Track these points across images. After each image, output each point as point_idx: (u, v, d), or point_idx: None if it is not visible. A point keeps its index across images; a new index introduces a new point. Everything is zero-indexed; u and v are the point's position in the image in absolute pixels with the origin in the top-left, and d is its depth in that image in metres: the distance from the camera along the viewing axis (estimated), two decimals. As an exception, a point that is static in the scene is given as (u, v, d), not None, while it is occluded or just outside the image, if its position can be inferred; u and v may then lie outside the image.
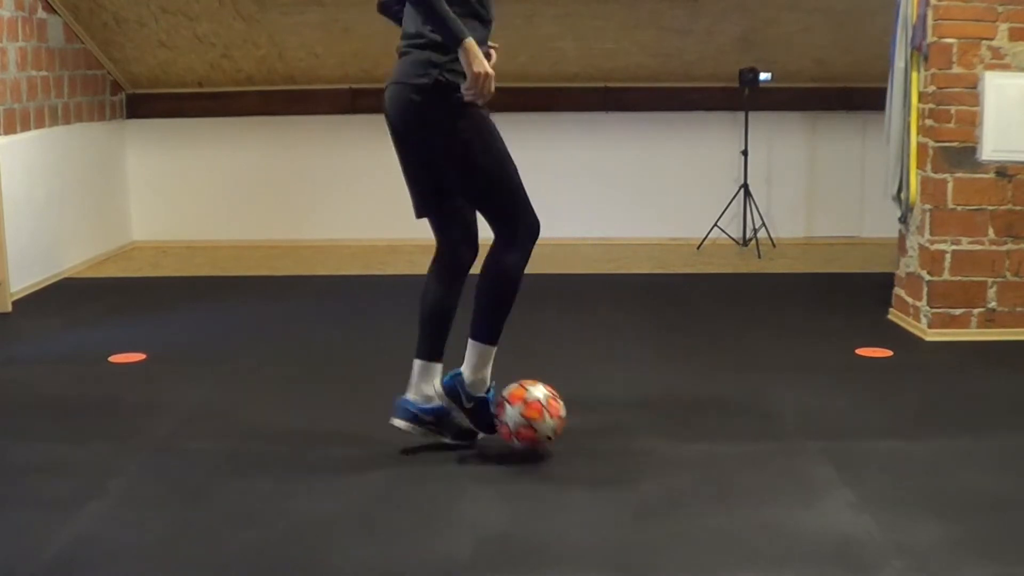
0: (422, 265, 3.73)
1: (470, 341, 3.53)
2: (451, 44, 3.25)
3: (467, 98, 3.29)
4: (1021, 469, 3.43)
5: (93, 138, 7.02)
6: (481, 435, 3.60)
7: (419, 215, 3.62)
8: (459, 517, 3.11)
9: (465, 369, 3.54)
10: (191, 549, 2.93)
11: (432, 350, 3.58)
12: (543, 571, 2.80)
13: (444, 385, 3.54)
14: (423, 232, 3.52)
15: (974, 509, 3.12)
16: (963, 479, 3.35)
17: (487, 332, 3.51)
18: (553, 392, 3.53)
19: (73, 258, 6.69)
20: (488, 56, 3.39)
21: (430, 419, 3.54)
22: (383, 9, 3.66)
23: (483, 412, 3.53)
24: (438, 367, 3.58)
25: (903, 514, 3.08)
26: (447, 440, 3.58)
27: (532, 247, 3.49)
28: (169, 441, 3.75)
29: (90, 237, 6.96)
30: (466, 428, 3.59)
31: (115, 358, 4.76)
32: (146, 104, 7.50)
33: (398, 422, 3.53)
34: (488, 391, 3.55)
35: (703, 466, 3.48)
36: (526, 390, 3.48)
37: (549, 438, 3.48)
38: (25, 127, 6.14)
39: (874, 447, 3.63)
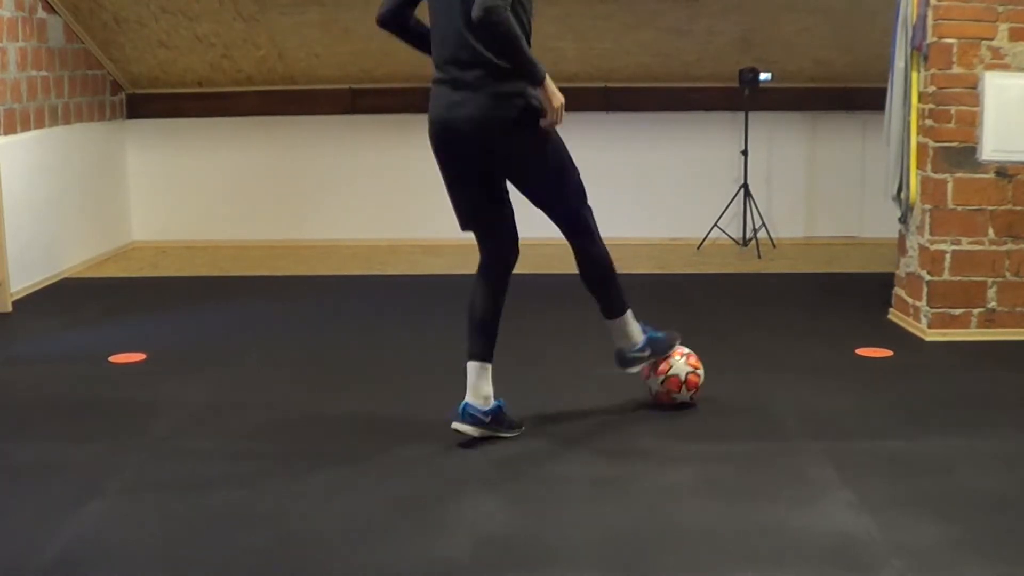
0: (422, 265, 3.75)
1: (607, 323, 3.89)
2: (533, 83, 3.49)
3: (544, 126, 3.55)
4: (1021, 469, 3.43)
5: (93, 138, 7.02)
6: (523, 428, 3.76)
7: (466, 228, 3.81)
8: (459, 517, 3.11)
9: (620, 343, 3.92)
10: (191, 549, 2.93)
11: (487, 352, 3.70)
12: (543, 571, 2.80)
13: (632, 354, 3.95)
14: (423, 232, 3.54)
15: (974, 509, 3.12)
16: (963, 479, 3.35)
17: (613, 307, 3.88)
18: (695, 365, 4.02)
19: (73, 258, 6.69)
20: None
21: (489, 420, 3.67)
22: (385, 22, 3.69)
23: (657, 344, 3.97)
24: (490, 367, 3.70)
25: (903, 514, 3.09)
26: (505, 435, 3.69)
27: (599, 236, 3.91)
28: (169, 441, 3.75)
29: (90, 237, 6.96)
30: (516, 422, 3.76)
31: (115, 358, 4.76)
32: (146, 104, 7.50)
33: (462, 426, 3.64)
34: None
35: (703, 466, 3.48)
36: (671, 363, 3.99)
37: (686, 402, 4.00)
38: (25, 127, 6.14)
39: (874, 447, 3.63)
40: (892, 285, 5.37)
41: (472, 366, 3.66)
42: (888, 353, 4.76)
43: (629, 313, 3.91)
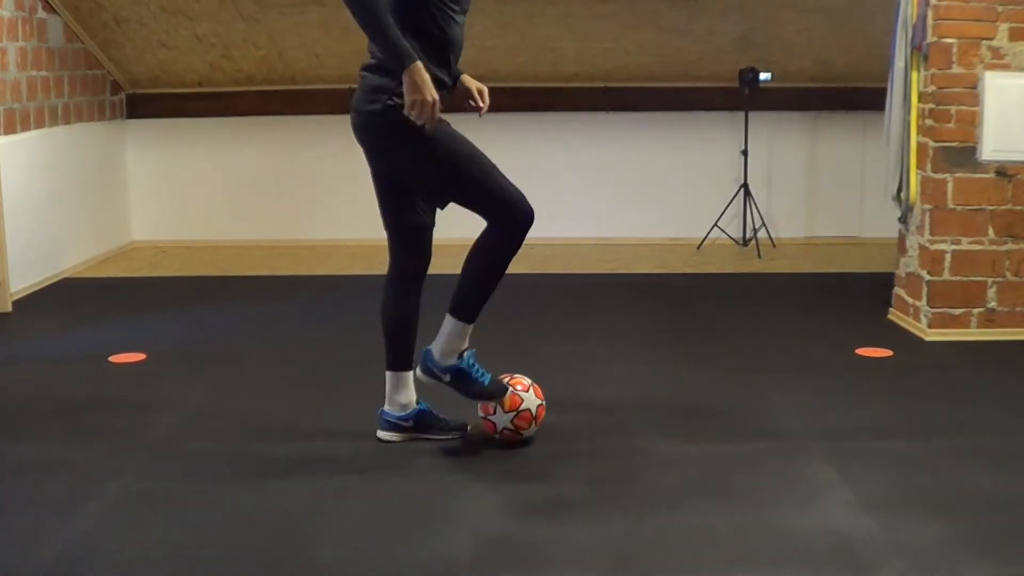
0: (422, 265, 3.73)
1: (447, 316, 3.51)
2: (395, 69, 3.23)
3: (414, 120, 3.25)
4: (1021, 469, 3.43)
5: (93, 138, 7.02)
6: (469, 427, 3.66)
7: (386, 225, 3.71)
8: (459, 517, 3.11)
9: (436, 344, 3.53)
10: (191, 549, 2.93)
11: (403, 360, 3.65)
12: (543, 571, 2.80)
13: (422, 367, 3.57)
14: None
15: (974, 509, 3.12)
16: (963, 479, 3.35)
17: (466, 310, 3.48)
18: (539, 394, 3.65)
19: (73, 258, 6.69)
20: (442, 83, 3.35)
21: (409, 424, 3.64)
22: None
23: (464, 379, 3.51)
24: (410, 375, 3.64)
25: (903, 514, 3.09)
26: (437, 438, 3.64)
27: (521, 234, 3.43)
28: (169, 441, 3.75)
29: (90, 237, 6.96)
30: (452, 424, 3.67)
31: (115, 358, 4.76)
32: (146, 104, 7.50)
33: (381, 434, 3.66)
34: (462, 356, 3.52)
35: (703, 466, 3.48)
36: (521, 399, 3.59)
37: (530, 438, 3.65)
38: (25, 127, 6.14)
39: (874, 447, 3.63)
40: (892, 285, 5.37)
41: (388, 376, 3.66)
42: (888, 353, 4.76)
43: (470, 329, 3.50)
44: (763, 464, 3.49)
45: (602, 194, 7.52)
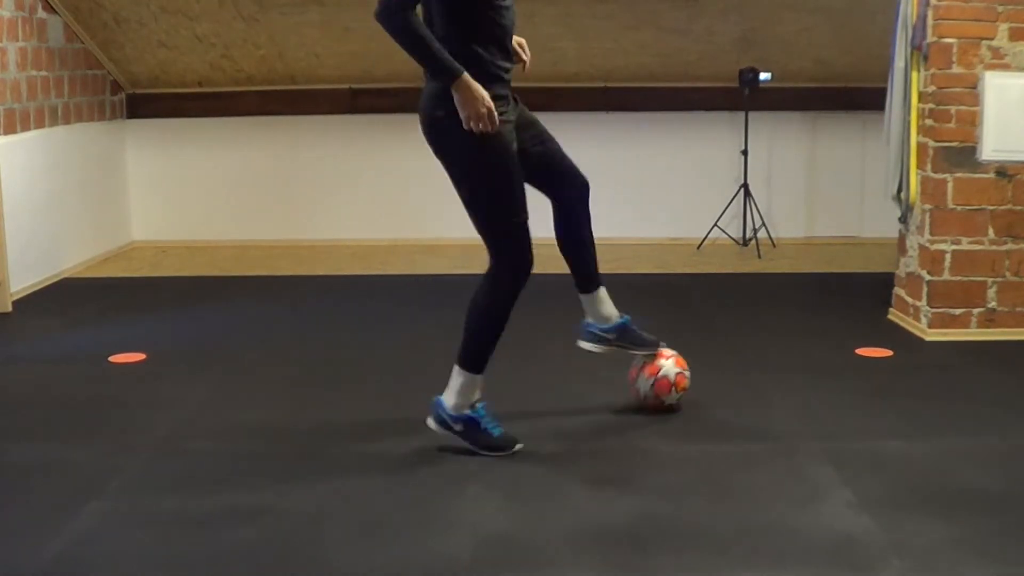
0: (422, 265, 3.75)
1: (455, 366, 3.55)
2: (444, 83, 3.28)
3: (468, 128, 3.30)
4: (1021, 469, 3.43)
5: (93, 138, 7.02)
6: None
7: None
8: (459, 517, 3.11)
9: (447, 394, 3.57)
10: (191, 549, 2.93)
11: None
12: (543, 571, 2.80)
13: (434, 419, 3.59)
14: (423, 232, 3.54)
15: (974, 509, 3.12)
16: (963, 479, 3.35)
17: (463, 357, 3.53)
18: (682, 367, 3.92)
19: (73, 258, 6.69)
20: (502, 77, 3.39)
21: (612, 336, 3.83)
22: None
23: (474, 431, 3.55)
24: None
25: (903, 514, 3.09)
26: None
27: (513, 287, 3.47)
28: (169, 441, 3.75)
29: (90, 237, 6.96)
30: (650, 340, 3.89)
31: (115, 358, 4.76)
32: (146, 104, 7.50)
33: (585, 344, 3.84)
34: (474, 407, 3.56)
35: (703, 466, 3.48)
36: (659, 366, 3.88)
37: (675, 403, 3.92)
38: (25, 127, 6.14)
39: (874, 447, 3.63)
40: (892, 285, 5.37)
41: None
42: (888, 353, 4.76)
43: (468, 376, 3.52)
44: (763, 464, 3.49)
45: (602, 194, 7.40)
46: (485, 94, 3.28)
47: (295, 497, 3.26)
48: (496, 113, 3.30)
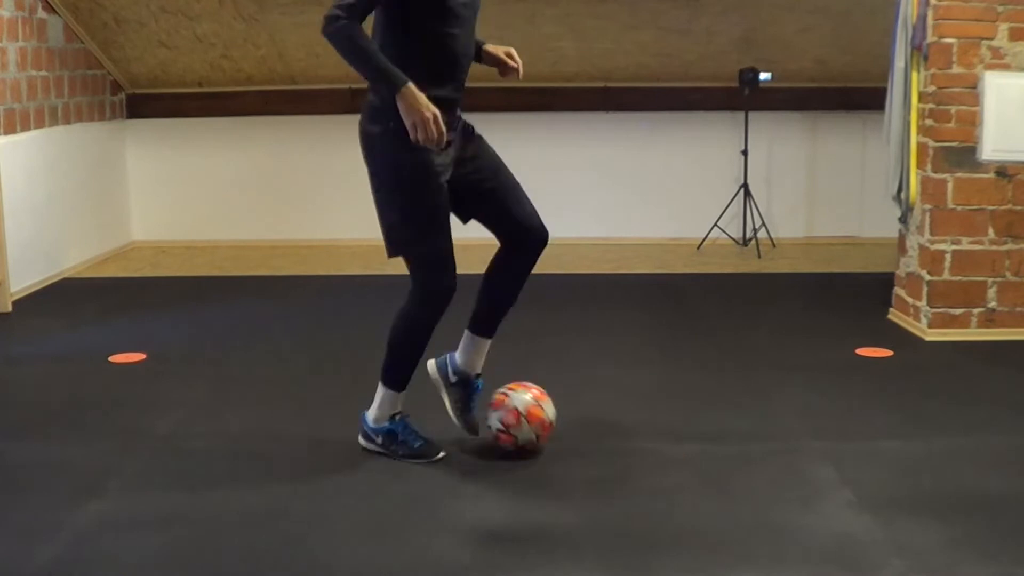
0: (422, 265, 3.72)
1: (379, 380, 3.56)
2: (388, 93, 3.19)
3: (416, 142, 3.19)
4: (1021, 469, 3.43)
5: (93, 138, 7.02)
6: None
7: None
8: (459, 517, 3.11)
9: (370, 408, 3.57)
10: (191, 549, 2.93)
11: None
12: (543, 571, 2.80)
13: (361, 435, 3.58)
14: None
15: (974, 509, 3.12)
16: (963, 479, 3.35)
17: (384, 373, 3.54)
18: (538, 397, 3.54)
19: (73, 258, 6.69)
20: (449, 101, 3.29)
21: (454, 380, 3.59)
22: None
23: (391, 443, 3.54)
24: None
25: (903, 514, 3.09)
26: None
27: (427, 311, 3.39)
28: (169, 441, 3.75)
29: (90, 237, 6.96)
30: (471, 419, 3.58)
31: (115, 358, 4.76)
32: (146, 104, 7.50)
33: (431, 365, 3.64)
34: (394, 419, 3.55)
35: (703, 466, 3.48)
36: (507, 396, 3.53)
37: (532, 442, 3.51)
38: (25, 127, 6.14)
39: (874, 447, 3.63)
40: (892, 285, 5.37)
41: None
42: (888, 353, 4.76)
43: (388, 392, 3.52)
44: (763, 464, 3.49)
45: (602, 194, 7.52)
46: (430, 105, 3.17)
47: (295, 497, 3.26)
48: (442, 124, 3.18)
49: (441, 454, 3.52)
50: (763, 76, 6.94)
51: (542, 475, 3.42)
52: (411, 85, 3.17)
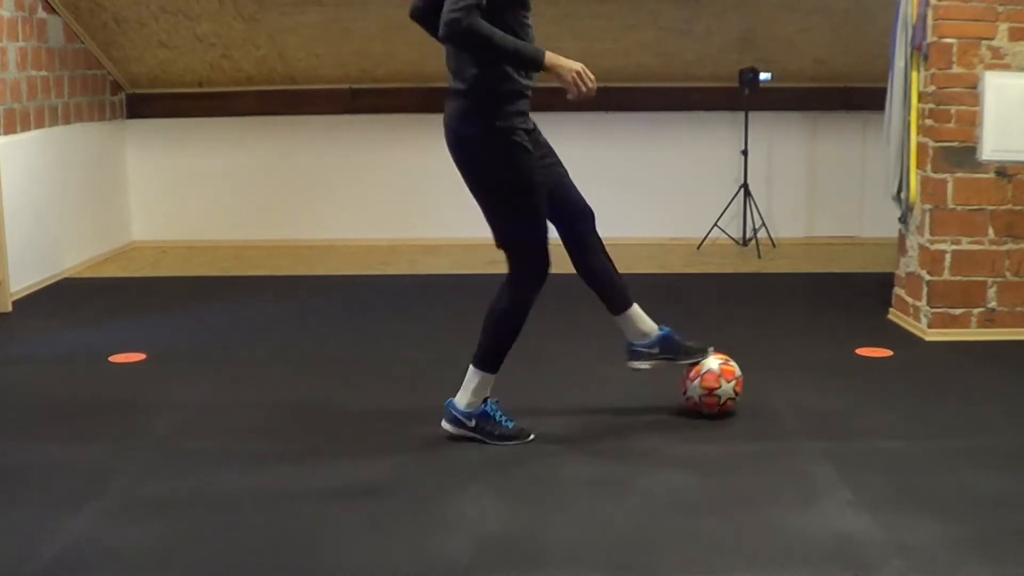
0: (422, 265, 3.75)
1: (471, 366, 3.65)
2: (535, 69, 3.42)
3: (575, 97, 3.42)
4: (1021, 469, 3.43)
5: (93, 138, 7.02)
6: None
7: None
8: (459, 517, 3.11)
9: (459, 395, 3.67)
10: (191, 549, 2.93)
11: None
12: (543, 571, 2.80)
13: (448, 420, 3.69)
14: (423, 232, 3.54)
15: (974, 509, 3.12)
16: (963, 479, 3.35)
17: (480, 358, 3.64)
18: (723, 358, 3.90)
19: (73, 258, 6.69)
20: (528, 89, 3.53)
21: (656, 350, 3.88)
22: (416, 15, 3.65)
23: (487, 424, 3.65)
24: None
25: (903, 514, 3.09)
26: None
27: (531, 293, 3.62)
28: (169, 441, 3.75)
29: (90, 237, 6.96)
30: (695, 347, 3.90)
31: (115, 358, 4.76)
32: (146, 104, 7.50)
33: (635, 364, 3.92)
34: (486, 402, 3.67)
35: (703, 466, 3.48)
36: (699, 364, 3.87)
37: (732, 399, 3.87)
38: (25, 127, 6.14)
39: (874, 447, 3.63)
40: (892, 285, 5.37)
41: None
42: (888, 353, 4.76)
43: (483, 376, 3.63)
44: (763, 464, 3.49)
45: (602, 194, 7.43)
46: (571, 61, 3.38)
47: (295, 497, 3.26)
48: (586, 74, 3.40)
49: (532, 436, 3.66)
50: (763, 76, 6.94)
51: (542, 475, 3.42)
52: (550, 53, 3.38)
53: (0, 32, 5.88)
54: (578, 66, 3.39)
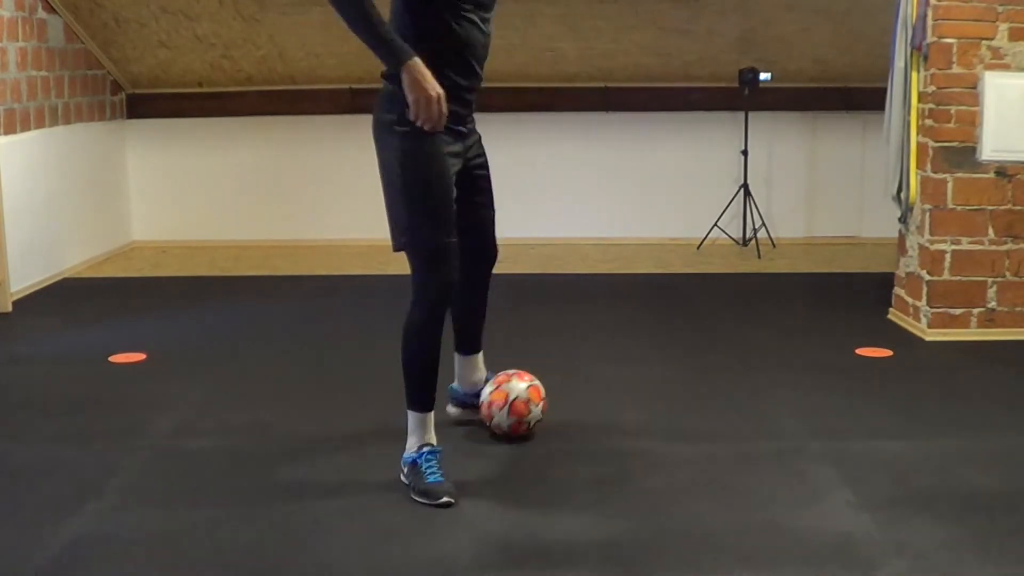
0: (422, 265, 3.72)
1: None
2: (391, 67, 3.10)
3: (419, 124, 3.11)
4: (1021, 469, 3.43)
5: (93, 138, 7.02)
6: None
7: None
8: (459, 517, 3.11)
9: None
10: (191, 549, 2.93)
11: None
12: (543, 571, 2.80)
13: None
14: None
15: (974, 509, 3.12)
16: (963, 479, 3.35)
17: (407, 395, 3.33)
18: (528, 378, 3.68)
19: (73, 258, 6.69)
20: (459, 88, 3.19)
21: (476, 402, 3.71)
22: None
23: (413, 474, 3.28)
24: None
25: (903, 514, 3.09)
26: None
27: (436, 310, 3.25)
28: (169, 441, 3.75)
29: (90, 237, 6.96)
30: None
31: (115, 358, 4.76)
32: (146, 104, 7.50)
33: (451, 409, 3.77)
34: (421, 449, 3.31)
35: (703, 466, 3.48)
36: (506, 390, 3.63)
37: (539, 420, 3.68)
38: (25, 127, 6.13)
39: (874, 447, 3.63)
40: (892, 285, 5.37)
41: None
42: (888, 353, 4.76)
43: (414, 415, 3.31)
44: (763, 464, 3.49)
45: (602, 194, 7.52)
46: (436, 83, 3.07)
47: (295, 497, 3.26)
48: (445, 106, 3.10)
49: (449, 501, 3.17)
50: (763, 76, 6.94)
51: (542, 475, 3.42)
52: (418, 60, 3.07)
53: (0, 32, 5.88)
54: (435, 92, 3.06)
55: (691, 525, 3.04)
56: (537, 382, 3.69)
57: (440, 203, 3.22)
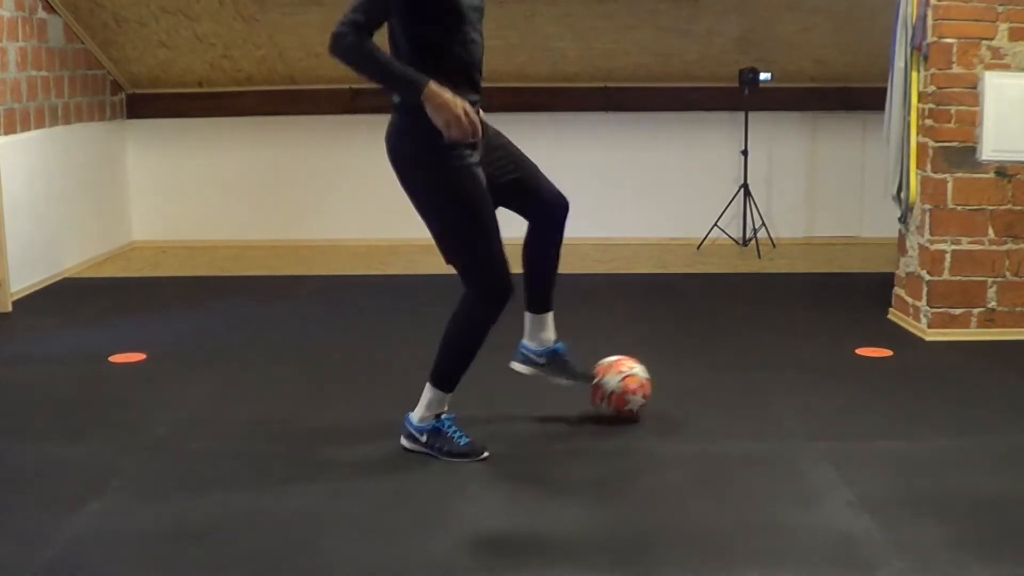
0: (422, 265, 3.75)
1: (427, 382, 3.54)
2: (411, 100, 3.18)
3: (452, 139, 3.19)
4: (1021, 469, 3.43)
5: (93, 138, 7.02)
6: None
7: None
8: (459, 517, 3.11)
9: (415, 410, 3.56)
10: (191, 549, 2.93)
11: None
12: (543, 571, 2.80)
13: (405, 436, 3.59)
14: (423, 232, 3.52)
15: (974, 509, 3.12)
16: (963, 479, 3.35)
17: (435, 376, 3.52)
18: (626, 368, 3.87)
19: (73, 258, 6.69)
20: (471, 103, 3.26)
21: (543, 361, 3.78)
22: None
23: (438, 439, 3.53)
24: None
25: (903, 514, 3.09)
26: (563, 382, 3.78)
27: (488, 316, 3.42)
28: (169, 441, 3.75)
29: (90, 237, 6.96)
30: (579, 372, 3.82)
31: (115, 358, 4.76)
32: (146, 104, 7.50)
33: (516, 365, 3.80)
34: (439, 417, 3.54)
35: (703, 466, 3.48)
36: (630, 366, 3.87)
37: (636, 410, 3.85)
38: (25, 127, 6.14)
39: (874, 447, 3.63)
40: (892, 285, 5.37)
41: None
42: (888, 353, 4.76)
43: (437, 393, 3.51)
44: (763, 464, 3.49)
45: (602, 194, 7.51)
46: (456, 98, 3.17)
47: (295, 497, 3.26)
48: (474, 115, 3.21)
49: (486, 453, 3.50)
50: (763, 76, 6.94)
51: (542, 475, 3.42)
52: (432, 83, 3.15)
53: (0, 32, 5.88)
54: (460, 108, 3.15)
55: (691, 525, 3.04)
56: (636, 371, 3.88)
57: (486, 215, 3.35)
